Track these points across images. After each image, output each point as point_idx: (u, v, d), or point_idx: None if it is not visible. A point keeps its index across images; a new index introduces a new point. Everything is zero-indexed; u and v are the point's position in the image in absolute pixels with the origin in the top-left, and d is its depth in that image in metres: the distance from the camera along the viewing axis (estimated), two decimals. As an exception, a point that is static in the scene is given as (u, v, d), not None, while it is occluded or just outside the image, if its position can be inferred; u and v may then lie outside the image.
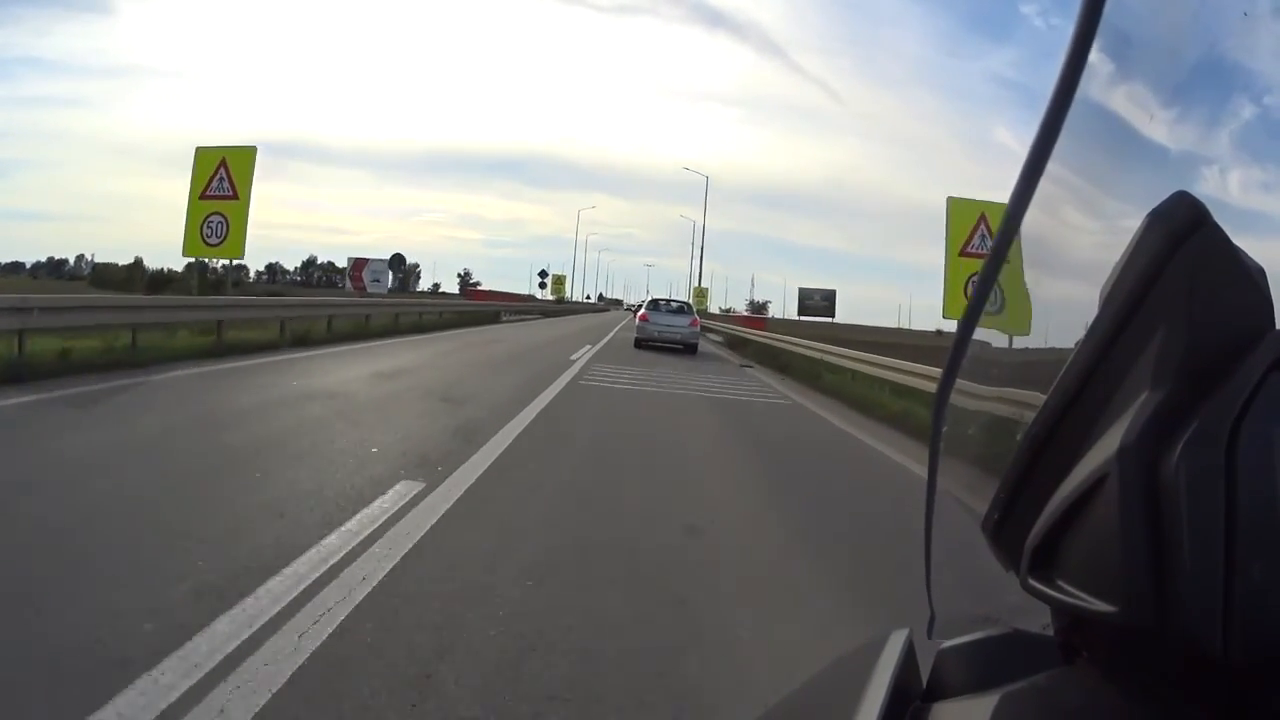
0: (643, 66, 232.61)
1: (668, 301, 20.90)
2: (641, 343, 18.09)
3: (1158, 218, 0.38)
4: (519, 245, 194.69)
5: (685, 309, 20.18)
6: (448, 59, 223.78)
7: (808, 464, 6.66)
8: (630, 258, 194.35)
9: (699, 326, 20.23)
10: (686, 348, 18.16)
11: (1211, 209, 0.38)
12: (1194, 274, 0.37)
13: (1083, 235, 0.49)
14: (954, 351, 0.46)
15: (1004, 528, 0.43)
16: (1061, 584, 0.38)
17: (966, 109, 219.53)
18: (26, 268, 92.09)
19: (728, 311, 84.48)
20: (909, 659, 0.48)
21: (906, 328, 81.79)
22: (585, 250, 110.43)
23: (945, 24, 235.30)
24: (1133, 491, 0.35)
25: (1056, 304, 0.49)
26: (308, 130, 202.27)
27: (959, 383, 0.48)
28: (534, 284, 55.65)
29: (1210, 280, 0.37)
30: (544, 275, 55.42)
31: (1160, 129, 0.44)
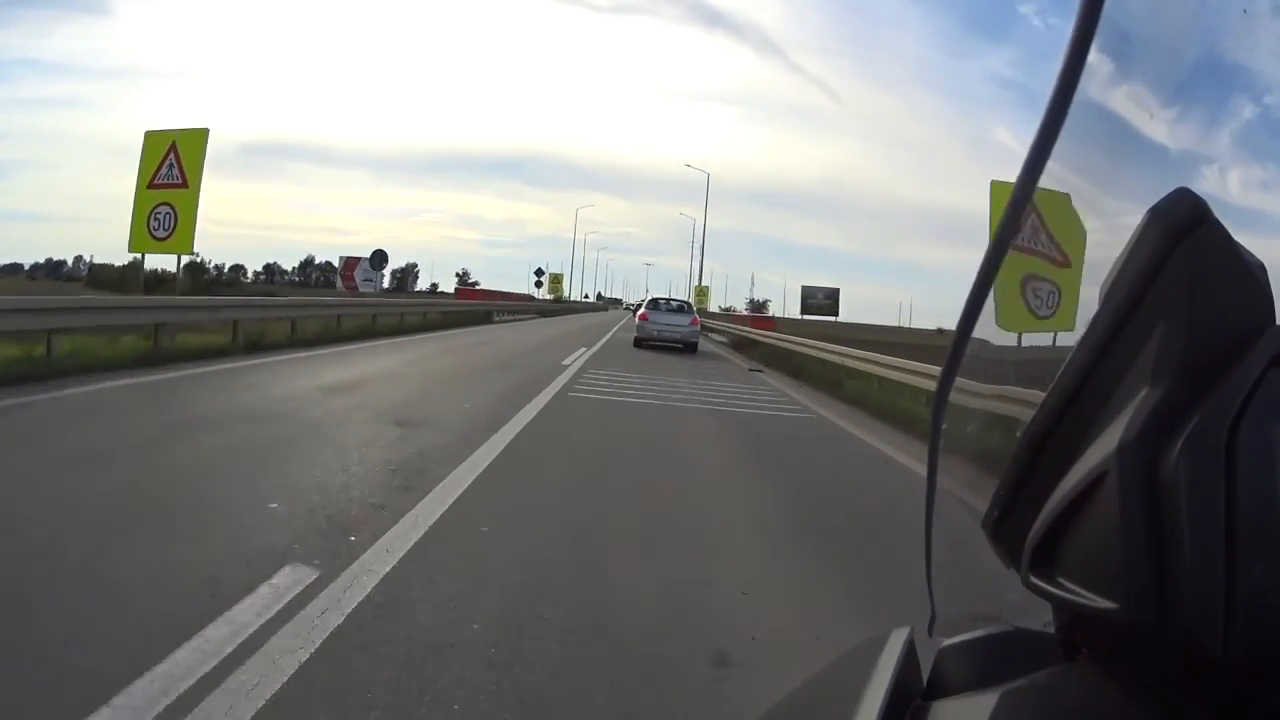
0: (641, 66, 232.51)
1: (667, 301, 20.98)
2: (641, 342, 18.13)
3: (1158, 214, 0.38)
4: (518, 245, 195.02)
5: (685, 308, 20.24)
6: (446, 59, 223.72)
7: (866, 518, 4.71)
8: (629, 257, 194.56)
9: (699, 325, 20.27)
10: (687, 347, 18.21)
11: (1211, 207, 0.38)
12: (1194, 270, 0.37)
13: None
14: (953, 350, 0.46)
15: (1004, 525, 0.43)
16: (1062, 581, 0.38)
17: (966, 109, 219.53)
18: (25, 269, 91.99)
19: (728, 310, 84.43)
20: (910, 657, 0.48)
21: (907, 326, 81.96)
22: (584, 249, 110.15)
23: (945, 24, 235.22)
24: (1133, 488, 0.35)
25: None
26: (307, 130, 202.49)
27: (959, 381, 0.48)
28: (532, 283, 55.17)
29: (1211, 276, 0.37)
30: (540, 274, 54.77)
31: (1160, 128, 0.44)
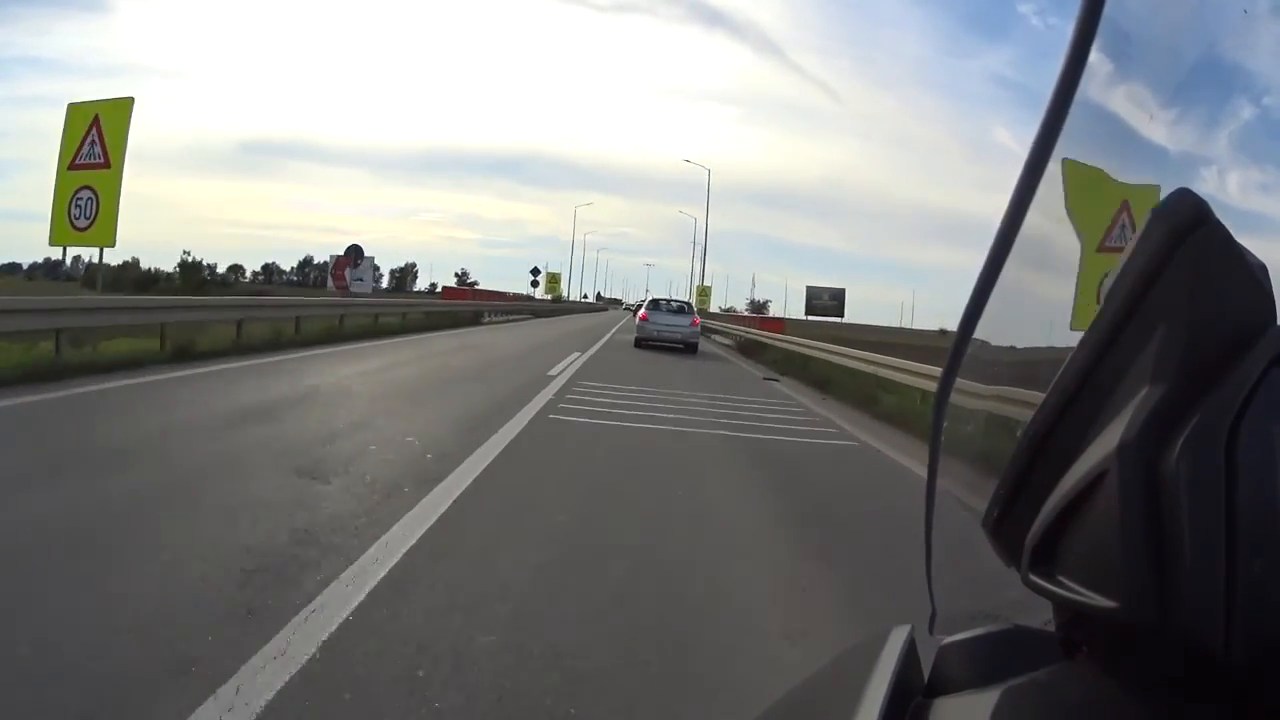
0: (641, 66, 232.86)
1: (668, 301, 21.04)
2: (642, 342, 18.19)
3: (1159, 215, 0.38)
4: (517, 245, 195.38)
5: (686, 309, 20.28)
6: (446, 58, 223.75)
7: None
8: (629, 257, 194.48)
9: (700, 326, 20.29)
10: (687, 347, 18.27)
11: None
12: (1195, 271, 0.37)
13: None
14: (954, 350, 0.46)
15: (1004, 524, 0.43)
16: (1062, 580, 0.38)
17: (965, 109, 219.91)
18: (24, 268, 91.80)
19: (728, 310, 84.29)
20: (910, 655, 0.48)
21: (908, 327, 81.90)
22: (583, 249, 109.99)
23: (944, 24, 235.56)
24: (1133, 488, 0.35)
25: (1057, 303, 0.49)
26: (306, 130, 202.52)
27: (959, 381, 0.48)
28: (529, 284, 54.64)
29: (1212, 277, 0.37)
30: (536, 273, 53.99)
31: (1160, 129, 0.44)
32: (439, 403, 7.54)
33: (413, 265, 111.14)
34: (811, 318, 57.13)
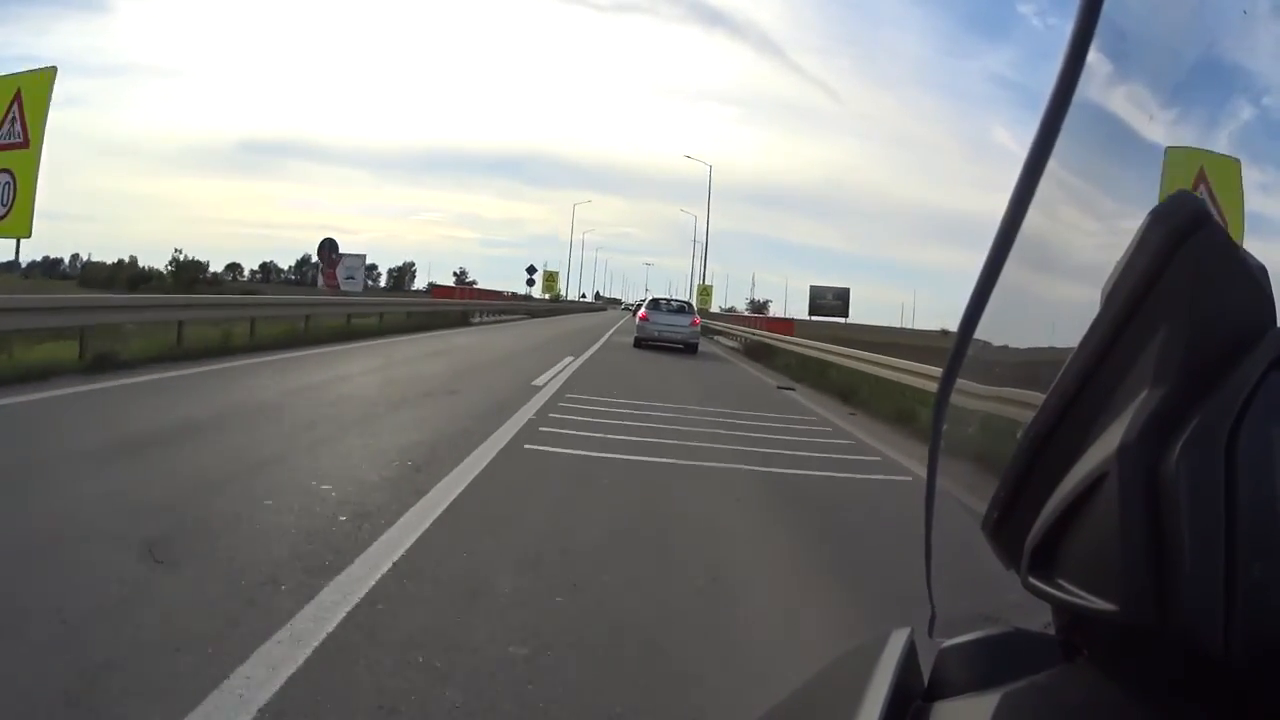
0: (641, 65, 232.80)
1: (668, 301, 21.07)
2: (641, 342, 18.22)
3: (1159, 216, 0.38)
4: (516, 245, 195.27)
5: (686, 309, 20.30)
6: (446, 57, 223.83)
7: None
8: (628, 257, 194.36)
9: (700, 326, 20.31)
10: (687, 347, 18.31)
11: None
12: (1196, 273, 0.37)
13: (1083, 235, 0.49)
14: (954, 351, 0.46)
15: (1004, 527, 0.43)
16: (1062, 583, 0.38)
17: (965, 109, 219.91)
18: (21, 266, 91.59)
19: (729, 310, 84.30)
20: (910, 658, 0.48)
21: (909, 327, 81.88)
22: (582, 248, 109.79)
23: (944, 24, 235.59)
24: (1133, 490, 0.35)
25: (1057, 304, 0.49)
26: (306, 129, 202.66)
27: (959, 382, 0.48)
28: (526, 282, 54.15)
29: (1212, 279, 0.37)
30: (532, 272, 53.09)
31: (1160, 129, 0.44)
32: (382, 430, 5.82)
33: (411, 264, 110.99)
34: (815, 318, 57.05)
